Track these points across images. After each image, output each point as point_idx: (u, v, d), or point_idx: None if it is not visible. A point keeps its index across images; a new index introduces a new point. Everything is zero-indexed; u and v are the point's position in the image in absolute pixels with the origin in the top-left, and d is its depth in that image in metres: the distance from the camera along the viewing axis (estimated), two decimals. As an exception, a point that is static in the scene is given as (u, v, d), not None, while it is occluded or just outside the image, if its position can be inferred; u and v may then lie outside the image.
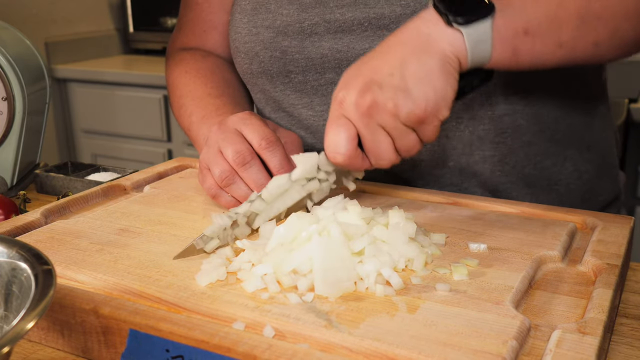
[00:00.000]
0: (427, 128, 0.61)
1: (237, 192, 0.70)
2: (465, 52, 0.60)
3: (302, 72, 0.82)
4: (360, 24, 0.77)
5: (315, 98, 0.83)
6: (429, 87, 0.59)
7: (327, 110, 0.83)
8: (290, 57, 0.82)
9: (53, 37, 2.48)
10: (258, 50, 0.84)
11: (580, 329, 0.47)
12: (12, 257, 0.45)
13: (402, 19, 0.75)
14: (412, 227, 0.60)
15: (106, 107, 2.45)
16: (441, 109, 0.60)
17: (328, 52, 0.80)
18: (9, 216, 0.78)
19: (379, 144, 0.61)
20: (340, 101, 0.61)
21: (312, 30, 0.80)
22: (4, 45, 0.95)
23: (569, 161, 0.83)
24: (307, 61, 0.81)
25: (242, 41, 0.86)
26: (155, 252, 0.61)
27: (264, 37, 0.83)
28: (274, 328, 0.48)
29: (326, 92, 0.82)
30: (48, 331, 0.53)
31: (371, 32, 0.77)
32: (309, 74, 0.82)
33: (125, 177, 0.84)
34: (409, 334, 0.47)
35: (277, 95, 0.86)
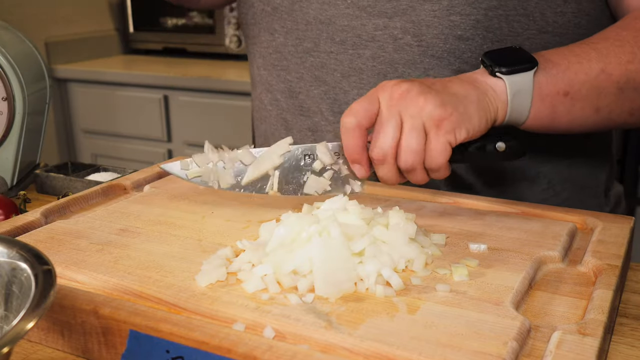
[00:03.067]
0: (438, 140, 0.61)
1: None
2: (506, 99, 0.64)
3: (285, 33, 0.83)
4: (344, 0, 0.78)
5: (290, 63, 0.84)
6: (462, 104, 0.62)
7: (302, 79, 0.84)
8: (278, 16, 0.83)
9: (53, 37, 2.48)
10: (254, 1, 0.86)
11: (580, 330, 0.47)
12: (12, 257, 0.45)
13: (377, 4, 0.76)
14: (412, 228, 0.60)
15: (106, 107, 2.45)
16: (462, 127, 0.61)
17: (312, 20, 0.81)
18: (9, 216, 0.78)
19: (387, 129, 0.62)
20: (381, 85, 0.64)
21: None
22: (4, 45, 0.95)
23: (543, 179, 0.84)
24: (292, 24, 0.82)
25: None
26: (156, 253, 0.61)
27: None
28: (274, 329, 0.48)
29: (300, 61, 0.83)
30: (48, 331, 0.53)
31: (351, 10, 0.78)
32: (290, 38, 0.83)
33: (125, 176, 0.84)
34: (409, 335, 0.47)
35: (262, 50, 0.88)
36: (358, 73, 0.80)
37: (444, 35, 0.74)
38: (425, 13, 0.74)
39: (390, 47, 0.77)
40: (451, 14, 0.73)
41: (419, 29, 0.75)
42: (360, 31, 0.78)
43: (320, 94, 0.83)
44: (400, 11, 0.75)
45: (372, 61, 0.79)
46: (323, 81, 0.83)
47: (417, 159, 0.62)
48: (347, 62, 0.80)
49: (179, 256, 0.60)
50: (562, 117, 0.67)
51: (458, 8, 0.73)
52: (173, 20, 2.62)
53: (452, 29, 0.74)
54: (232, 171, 0.70)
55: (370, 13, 0.77)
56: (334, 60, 0.81)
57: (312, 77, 0.83)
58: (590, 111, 0.67)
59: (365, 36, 0.78)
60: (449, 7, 0.73)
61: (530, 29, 0.74)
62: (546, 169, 0.83)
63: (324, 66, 0.82)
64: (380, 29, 0.77)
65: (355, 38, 0.79)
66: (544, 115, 0.66)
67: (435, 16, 0.74)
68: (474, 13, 0.73)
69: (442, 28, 0.74)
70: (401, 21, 0.76)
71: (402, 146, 0.62)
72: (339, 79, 0.82)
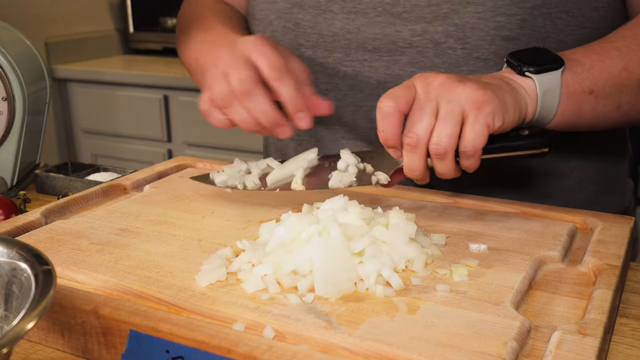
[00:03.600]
0: (477, 122, 0.61)
1: (235, 115, 0.70)
2: (536, 97, 0.66)
3: (311, 47, 0.82)
4: (374, 8, 0.77)
5: (320, 76, 0.83)
6: (499, 92, 0.63)
7: (332, 90, 0.83)
8: (302, 31, 0.82)
9: (53, 37, 2.48)
10: (272, 19, 0.84)
11: (580, 330, 0.47)
12: (12, 257, 0.45)
13: (415, 10, 0.75)
14: (413, 228, 0.60)
15: (106, 107, 2.45)
16: (500, 113, 0.62)
17: (339, 31, 0.80)
18: (9, 216, 0.78)
19: (422, 115, 0.62)
20: (417, 75, 0.65)
21: (327, 7, 0.80)
22: (4, 45, 0.95)
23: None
24: (318, 37, 0.81)
25: (258, 8, 0.86)
26: (156, 253, 0.61)
27: (280, 7, 0.83)
28: (274, 329, 0.48)
29: (332, 72, 0.82)
30: (48, 331, 0.53)
31: (383, 17, 0.77)
32: (318, 51, 0.82)
33: (125, 176, 0.84)
34: (409, 335, 0.47)
35: None
36: (396, 79, 0.79)
37: (490, 37, 0.74)
38: (469, 15, 0.74)
39: (431, 52, 0.76)
40: (497, 15, 0.73)
41: (462, 32, 0.74)
42: (395, 38, 0.77)
43: (357, 102, 0.82)
44: (441, 15, 0.74)
45: (411, 67, 0.78)
46: (358, 89, 0.82)
47: (450, 144, 0.62)
48: (383, 69, 0.79)
49: (179, 256, 0.60)
50: (587, 114, 0.69)
51: (503, 9, 0.73)
52: (173, 20, 2.62)
53: (498, 29, 0.73)
54: (257, 171, 0.72)
55: (406, 19, 0.76)
56: (368, 67, 0.80)
57: (346, 86, 0.82)
58: (613, 108, 0.69)
59: (401, 42, 0.77)
60: (494, 8, 0.73)
61: (570, 26, 0.75)
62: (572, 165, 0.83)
63: (357, 75, 0.81)
64: (419, 34, 0.76)
65: (390, 45, 0.78)
66: (570, 113, 0.68)
67: (480, 18, 0.73)
68: (519, 13, 0.73)
69: (487, 30, 0.73)
70: (443, 25, 0.75)
71: (436, 130, 0.62)
72: (374, 85, 0.81)
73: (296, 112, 0.70)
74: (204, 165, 0.89)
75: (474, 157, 0.63)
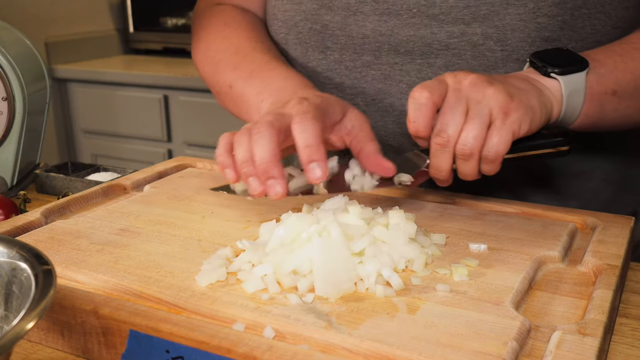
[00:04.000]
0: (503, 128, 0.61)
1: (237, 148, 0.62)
2: (561, 99, 0.66)
3: (339, 49, 0.80)
4: (409, 9, 0.76)
5: (347, 80, 0.82)
6: (526, 96, 0.63)
7: (359, 94, 0.82)
8: (330, 33, 0.80)
9: (53, 37, 2.48)
10: (298, 21, 0.82)
11: (580, 330, 0.47)
12: (12, 257, 0.45)
13: (452, 11, 0.74)
14: (413, 228, 0.60)
15: (106, 107, 2.45)
16: (527, 119, 0.62)
17: (370, 33, 0.78)
18: (9, 216, 0.78)
19: (454, 114, 0.62)
20: (446, 73, 0.64)
21: (358, 9, 0.78)
22: (4, 45, 0.95)
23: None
24: (346, 39, 0.79)
25: (282, 9, 0.83)
26: (156, 253, 0.61)
27: (307, 8, 0.81)
28: (274, 329, 0.48)
29: (360, 75, 0.81)
30: (48, 331, 0.53)
31: (418, 19, 0.76)
32: (346, 54, 0.80)
33: (125, 176, 0.84)
34: (409, 335, 0.47)
35: (310, 71, 0.84)
36: None
37: (531, 39, 0.73)
38: (510, 17, 0.72)
39: (468, 54, 0.75)
40: (538, 17, 0.72)
41: (503, 34, 0.73)
42: (430, 40, 0.76)
43: (386, 106, 0.81)
44: (480, 17, 0.73)
45: (445, 69, 0.76)
46: (387, 93, 0.80)
47: (476, 146, 0.62)
48: (415, 72, 0.78)
49: (179, 256, 0.60)
50: (609, 115, 0.69)
51: (545, 10, 0.72)
52: (173, 20, 2.62)
53: (539, 31, 0.72)
54: None
55: (442, 21, 0.75)
56: (398, 71, 0.78)
57: (374, 90, 0.80)
58: (635, 109, 0.70)
59: (436, 45, 0.76)
60: (536, 9, 0.72)
61: (607, 26, 0.74)
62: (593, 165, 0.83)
63: (387, 78, 0.79)
64: (456, 36, 0.75)
65: (424, 47, 0.76)
66: (593, 113, 0.68)
67: (521, 19, 0.72)
68: (560, 14, 0.72)
69: (528, 31, 0.72)
70: (482, 27, 0.73)
71: (464, 131, 0.62)
72: (405, 90, 0.79)
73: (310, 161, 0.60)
74: (204, 165, 0.89)
75: (494, 162, 0.63)
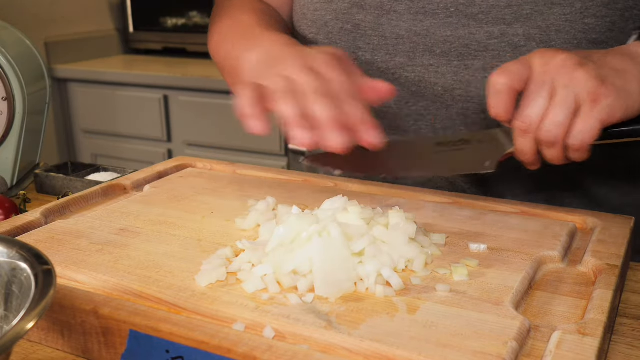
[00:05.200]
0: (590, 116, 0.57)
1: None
2: None
3: (371, 50, 0.78)
4: (447, 8, 0.73)
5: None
6: (621, 80, 0.58)
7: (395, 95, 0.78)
8: (362, 33, 0.77)
9: (53, 37, 2.48)
10: (328, 20, 0.79)
11: (580, 330, 0.47)
12: (12, 257, 0.45)
13: (492, 11, 0.72)
14: (413, 228, 0.60)
15: (106, 107, 2.45)
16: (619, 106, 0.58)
17: (405, 33, 0.75)
18: (9, 216, 0.78)
19: (537, 98, 0.59)
20: (535, 52, 0.61)
21: (392, 7, 0.75)
22: (4, 45, 0.95)
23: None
24: (379, 39, 0.77)
25: (312, 8, 0.80)
26: (156, 253, 0.61)
27: (338, 7, 0.78)
28: (274, 329, 0.48)
29: (392, 77, 0.78)
30: (48, 331, 0.53)
31: (456, 19, 0.73)
32: (379, 54, 0.77)
33: (125, 176, 0.84)
34: (409, 335, 0.47)
35: None
36: (465, 86, 0.75)
37: (577, 40, 0.70)
38: (554, 17, 0.70)
39: (509, 56, 0.72)
40: (585, 17, 0.69)
41: (546, 35, 0.70)
42: (468, 41, 0.73)
43: (419, 109, 0.78)
44: (522, 17, 0.70)
45: (483, 72, 0.74)
46: (422, 96, 0.77)
47: (560, 133, 0.59)
48: (451, 74, 0.75)
49: (179, 256, 0.60)
50: None
51: (593, 10, 0.69)
52: (173, 20, 2.62)
53: (586, 32, 0.69)
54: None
55: (482, 21, 0.72)
56: (433, 73, 0.76)
57: (408, 93, 0.78)
58: None
59: (475, 46, 0.73)
60: (583, 9, 0.69)
61: None
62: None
63: (422, 81, 0.76)
64: (496, 37, 0.72)
65: (462, 48, 0.73)
66: None
67: (566, 20, 0.69)
68: (609, 15, 0.69)
69: (574, 32, 0.69)
70: (524, 27, 0.71)
71: (549, 116, 0.59)
72: (440, 93, 0.76)
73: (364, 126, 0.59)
74: (204, 165, 0.89)
75: (580, 150, 0.60)
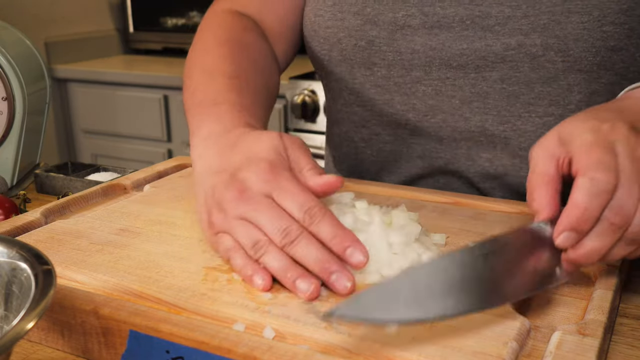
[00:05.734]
0: None
1: (275, 262, 0.53)
2: None
3: (386, 66, 0.77)
4: (462, 21, 0.73)
5: (396, 96, 0.79)
6: None
7: (409, 110, 0.78)
8: (376, 49, 0.77)
9: (53, 37, 2.48)
10: (341, 37, 0.79)
11: (580, 331, 0.47)
12: (12, 257, 0.45)
13: (509, 22, 0.71)
14: (417, 228, 0.59)
15: (106, 107, 2.45)
16: None
17: (420, 48, 0.75)
18: (9, 216, 0.78)
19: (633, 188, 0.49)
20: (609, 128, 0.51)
21: (406, 22, 0.75)
22: (4, 45, 0.95)
23: None
24: (394, 55, 0.77)
25: (324, 25, 0.80)
26: (156, 253, 0.61)
27: (350, 24, 0.78)
28: (274, 329, 0.48)
29: (409, 91, 0.78)
30: (48, 331, 0.53)
31: (472, 31, 0.73)
32: (394, 69, 0.77)
33: (125, 176, 0.84)
34: (409, 336, 0.47)
35: (356, 87, 0.82)
36: (482, 98, 0.75)
37: (595, 48, 0.69)
38: (572, 26, 0.69)
39: (527, 66, 0.72)
40: (603, 25, 0.68)
41: (564, 44, 0.69)
42: (485, 53, 0.73)
43: (438, 122, 0.78)
44: (539, 27, 0.70)
45: (501, 83, 0.74)
46: (440, 109, 0.77)
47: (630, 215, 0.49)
48: (468, 87, 0.75)
49: (179, 256, 0.60)
50: None
51: (611, 17, 0.68)
52: (173, 20, 2.62)
53: (605, 40, 0.69)
54: None
55: (498, 32, 0.72)
56: (450, 86, 0.75)
57: (426, 106, 0.77)
58: None
59: (492, 57, 0.72)
60: (601, 17, 0.68)
61: None
62: None
63: (438, 94, 0.76)
64: (513, 47, 0.72)
65: (479, 61, 0.73)
66: None
67: (584, 28, 0.69)
68: (628, 22, 0.68)
69: (592, 40, 0.69)
70: (541, 37, 0.70)
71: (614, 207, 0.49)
72: (457, 105, 0.76)
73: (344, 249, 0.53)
74: (204, 165, 0.89)
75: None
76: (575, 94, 0.73)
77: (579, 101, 0.73)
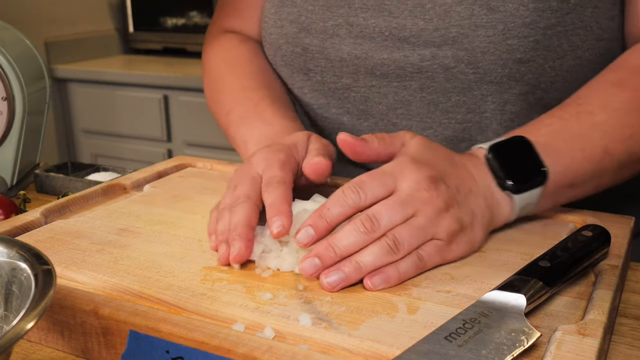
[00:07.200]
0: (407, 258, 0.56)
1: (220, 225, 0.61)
2: (511, 213, 0.63)
3: (320, 72, 0.81)
4: (382, 32, 0.76)
5: (332, 100, 0.82)
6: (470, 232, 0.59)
7: (345, 114, 0.82)
8: (310, 56, 0.81)
9: (53, 37, 2.48)
10: (281, 44, 0.83)
11: (580, 331, 0.47)
12: (12, 257, 0.45)
13: (422, 34, 0.73)
14: None
15: (106, 107, 2.45)
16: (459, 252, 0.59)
17: (347, 56, 0.78)
18: (8, 216, 0.78)
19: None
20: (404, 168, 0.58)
21: (334, 32, 0.78)
22: (4, 45, 0.95)
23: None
24: (326, 62, 0.80)
25: (268, 32, 0.84)
26: (156, 253, 0.61)
27: (288, 31, 0.82)
28: (274, 329, 0.48)
29: (342, 96, 0.81)
30: (48, 331, 0.53)
31: (391, 42, 0.75)
32: (327, 76, 0.81)
33: (125, 176, 0.84)
34: (409, 335, 0.47)
35: (297, 92, 0.86)
36: (405, 105, 0.78)
37: (502, 61, 0.71)
38: (479, 39, 0.71)
39: (441, 77, 0.74)
40: (508, 38, 0.70)
41: (473, 56, 0.72)
42: (403, 63, 0.75)
43: (371, 125, 0.81)
44: (450, 39, 0.72)
45: (421, 92, 0.76)
46: (370, 114, 0.80)
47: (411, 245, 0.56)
48: (392, 94, 0.78)
49: (179, 256, 0.60)
50: (563, 201, 0.68)
51: (515, 31, 0.70)
52: (173, 20, 2.62)
53: (511, 53, 0.70)
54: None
55: (414, 44, 0.74)
56: (376, 93, 0.78)
57: (358, 110, 0.81)
58: (591, 189, 0.68)
59: (410, 68, 0.75)
60: (505, 30, 0.70)
61: (588, 40, 0.72)
62: None
63: (367, 100, 0.80)
64: (428, 59, 0.74)
65: (399, 70, 0.76)
66: (546, 206, 0.66)
67: (491, 42, 0.71)
68: (532, 34, 0.70)
69: (499, 53, 0.71)
70: (452, 50, 0.72)
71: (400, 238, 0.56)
72: (384, 111, 0.79)
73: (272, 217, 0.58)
74: (204, 165, 0.89)
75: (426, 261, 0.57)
76: (489, 103, 0.75)
77: (493, 110, 0.76)
